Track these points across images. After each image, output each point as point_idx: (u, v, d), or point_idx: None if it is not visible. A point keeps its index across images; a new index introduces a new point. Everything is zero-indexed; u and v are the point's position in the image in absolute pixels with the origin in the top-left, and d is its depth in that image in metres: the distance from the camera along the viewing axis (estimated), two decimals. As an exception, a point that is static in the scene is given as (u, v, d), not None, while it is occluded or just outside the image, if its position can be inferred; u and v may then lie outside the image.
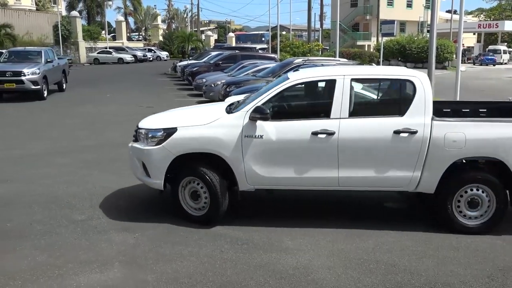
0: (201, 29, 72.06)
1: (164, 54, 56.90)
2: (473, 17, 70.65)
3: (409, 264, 4.64)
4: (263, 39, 67.97)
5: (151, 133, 5.69)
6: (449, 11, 54.84)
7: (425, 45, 37.83)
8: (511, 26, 56.42)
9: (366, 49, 47.86)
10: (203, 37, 63.43)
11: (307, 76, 5.97)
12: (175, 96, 19.10)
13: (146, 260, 4.72)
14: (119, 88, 22.55)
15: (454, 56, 36.69)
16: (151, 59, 53.70)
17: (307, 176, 5.46)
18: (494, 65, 47.91)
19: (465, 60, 49.90)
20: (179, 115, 6.36)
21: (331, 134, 5.31)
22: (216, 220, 5.60)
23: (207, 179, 5.50)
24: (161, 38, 66.44)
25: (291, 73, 6.34)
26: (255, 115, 5.36)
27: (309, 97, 6.38)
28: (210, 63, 23.17)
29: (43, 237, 5.24)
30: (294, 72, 7.14)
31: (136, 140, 5.93)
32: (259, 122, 5.39)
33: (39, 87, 17.47)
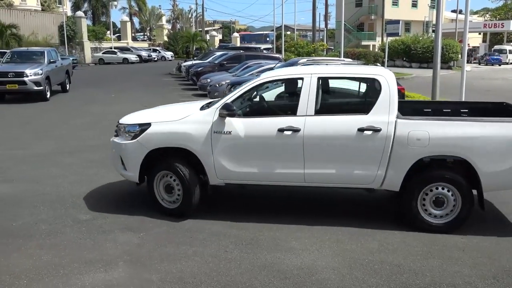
0: (205, 29, 72.05)
1: (168, 54, 57.02)
2: (478, 17, 70.31)
3: (414, 264, 4.62)
4: (267, 39, 67.89)
5: (128, 128, 5.99)
6: (454, 11, 54.71)
7: (430, 45, 37.72)
8: (517, 25, 56.18)
9: (371, 49, 47.75)
10: (207, 37, 63.50)
11: (276, 74, 6.15)
12: (179, 96, 19.11)
13: (150, 259, 4.73)
14: (124, 88, 22.60)
15: (460, 56, 36.58)
16: (156, 59, 53.82)
17: (273, 172, 5.60)
18: (500, 65, 47.68)
19: (471, 60, 49.74)
20: (156, 112, 6.61)
21: (296, 131, 5.43)
22: (188, 213, 5.79)
23: (180, 173, 5.70)
24: (166, 38, 66.55)
25: (264, 72, 6.51)
26: (223, 111, 5.54)
27: (278, 95, 6.52)
28: (214, 63, 23.18)
29: (48, 237, 5.27)
30: (268, 71, 7.27)
31: (117, 135, 6.20)
32: (228, 118, 5.57)
33: (41, 88, 17.25)
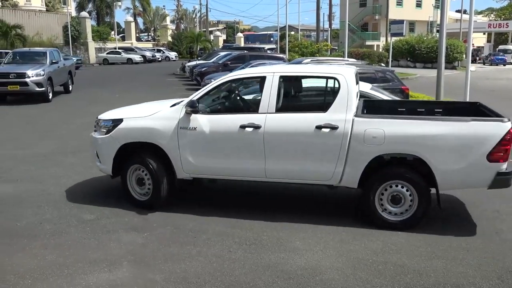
0: (209, 29, 72.16)
1: (172, 55, 57.10)
2: (483, 16, 70.12)
3: (418, 265, 4.61)
4: (271, 39, 67.84)
5: (103, 123, 6.34)
6: (458, 11, 54.55)
7: (434, 45, 37.62)
8: (521, 25, 55.96)
9: (375, 49, 47.67)
10: (211, 37, 63.59)
11: (241, 73, 6.38)
12: (183, 96, 18.98)
13: (154, 259, 4.74)
14: (128, 88, 22.63)
15: (464, 56, 36.45)
16: (160, 59, 53.91)
17: (236, 167, 5.79)
18: (505, 65, 47.51)
19: (476, 60, 49.55)
20: (131, 108, 6.86)
21: (257, 127, 5.59)
22: (158, 205, 6.05)
23: (150, 167, 5.97)
24: (170, 38, 66.63)
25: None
26: (187, 108, 5.78)
27: (242, 92, 6.76)
28: (218, 63, 23.20)
29: (52, 237, 5.28)
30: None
31: (95, 131, 6.51)
32: (193, 115, 5.80)
33: (43, 89, 16.98)
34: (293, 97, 6.40)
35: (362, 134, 5.33)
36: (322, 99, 5.98)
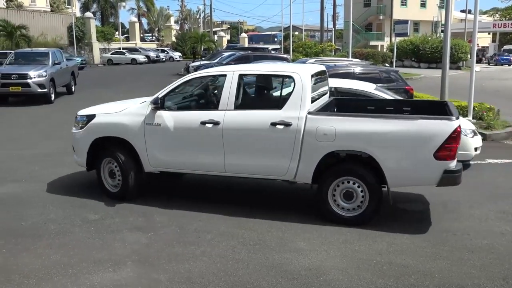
0: (213, 29, 72.20)
1: (177, 55, 57.16)
2: (488, 16, 69.84)
3: (423, 265, 4.60)
4: (275, 39, 67.88)
5: (78, 118, 6.73)
6: (463, 11, 54.28)
7: (439, 45, 37.48)
8: (527, 25, 55.71)
9: (379, 49, 47.60)
10: (215, 37, 63.60)
11: (205, 71, 6.64)
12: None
13: (159, 259, 4.75)
14: (132, 89, 22.64)
15: (469, 56, 36.33)
16: (164, 59, 53.97)
17: (198, 162, 6.05)
18: (509, 65, 47.23)
19: (482, 59, 49.33)
20: (107, 105, 7.19)
21: (216, 124, 5.81)
22: (127, 196, 6.37)
23: (119, 160, 6.32)
24: (174, 38, 66.77)
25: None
26: (151, 105, 6.10)
27: (204, 90, 6.97)
28: (222, 63, 23.21)
29: (57, 236, 5.30)
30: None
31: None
32: (159, 111, 6.09)
33: (45, 90, 16.72)
34: (252, 94, 6.63)
35: (314, 131, 5.48)
36: (278, 96, 6.16)
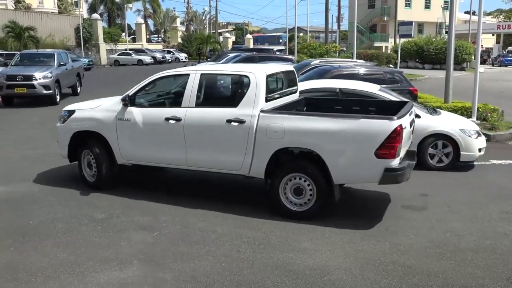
0: (219, 31, 72.33)
1: (182, 56, 57.22)
2: (492, 18, 69.62)
3: (426, 266, 4.62)
4: (280, 40, 67.77)
5: (62, 114, 7.34)
6: (467, 12, 54.24)
7: (443, 46, 37.37)
8: (531, 27, 55.41)
9: (384, 51, 47.49)
10: (221, 39, 63.72)
11: (171, 71, 6.99)
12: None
13: (164, 258, 4.79)
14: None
15: (473, 57, 36.22)
16: (170, 60, 54.00)
17: (163, 155, 6.47)
18: (514, 66, 47.04)
19: (487, 61, 49.09)
20: (88, 102, 7.68)
21: (178, 120, 6.20)
22: (102, 186, 6.87)
23: (94, 152, 6.83)
24: (179, 40, 66.81)
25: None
26: (121, 102, 6.61)
27: (170, 88, 7.43)
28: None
29: (64, 235, 5.36)
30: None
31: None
32: (129, 108, 6.58)
33: (51, 91, 16.52)
34: (211, 93, 6.91)
35: (265, 128, 5.75)
36: (235, 95, 6.44)
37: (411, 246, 5.07)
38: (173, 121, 6.23)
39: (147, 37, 70.55)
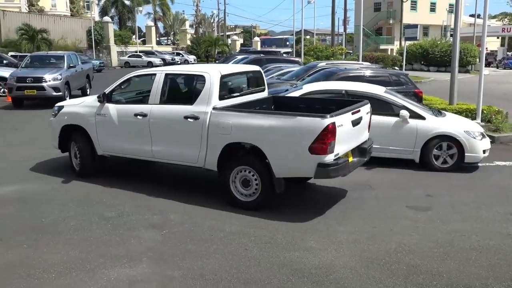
0: (227, 33, 72.45)
1: (191, 58, 57.26)
2: (497, 21, 69.28)
3: (431, 265, 4.67)
4: (287, 43, 67.66)
5: (54, 108, 8.16)
6: (472, 15, 53.96)
7: (448, 49, 37.27)
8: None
9: (389, 53, 47.46)
10: (229, 41, 63.73)
11: (141, 71, 7.61)
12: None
13: (173, 256, 4.87)
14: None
15: (477, 60, 36.10)
16: (179, 62, 54.00)
17: (133, 147, 7.06)
18: (518, 69, 46.76)
19: (492, 63, 48.81)
20: (77, 99, 8.46)
21: (145, 116, 6.80)
22: (84, 175, 7.57)
23: (78, 144, 7.59)
24: (189, 42, 66.78)
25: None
26: (97, 98, 7.30)
27: (140, 87, 7.91)
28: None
29: (75, 233, 5.46)
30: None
31: None
32: (106, 104, 7.25)
33: (60, 93, 16.35)
34: (173, 91, 7.25)
35: (216, 125, 6.23)
36: (192, 93, 6.89)
37: (415, 246, 5.12)
38: (140, 117, 6.83)
39: (157, 39, 70.68)
